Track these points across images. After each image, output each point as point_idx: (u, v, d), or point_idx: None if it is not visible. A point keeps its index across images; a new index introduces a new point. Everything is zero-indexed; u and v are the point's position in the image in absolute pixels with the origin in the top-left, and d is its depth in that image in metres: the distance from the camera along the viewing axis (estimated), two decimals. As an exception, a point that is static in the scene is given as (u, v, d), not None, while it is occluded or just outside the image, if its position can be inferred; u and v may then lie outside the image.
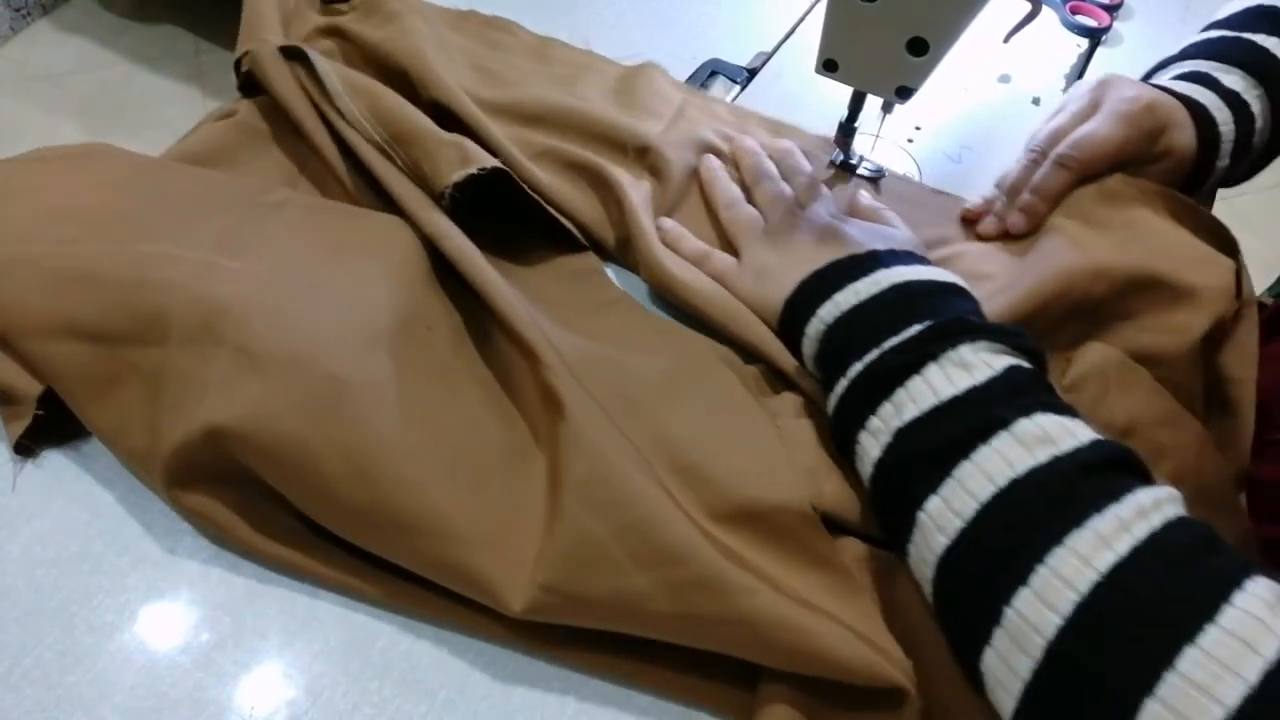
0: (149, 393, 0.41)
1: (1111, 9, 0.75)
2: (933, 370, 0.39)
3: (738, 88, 0.68)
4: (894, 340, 0.41)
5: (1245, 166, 0.59)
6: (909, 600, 0.40)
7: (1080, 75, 0.71)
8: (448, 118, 0.55)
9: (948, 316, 0.41)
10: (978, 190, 0.61)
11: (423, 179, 0.50)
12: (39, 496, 0.43)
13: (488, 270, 0.47)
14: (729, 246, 0.54)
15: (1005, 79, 0.70)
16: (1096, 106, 0.55)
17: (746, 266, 0.51)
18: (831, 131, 0.61)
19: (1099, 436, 0.36)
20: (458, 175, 0.48)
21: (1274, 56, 0.57)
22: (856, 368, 0.42)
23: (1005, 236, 0.55)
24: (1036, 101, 0.69)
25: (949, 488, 0.36)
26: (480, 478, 0.41)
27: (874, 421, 0.40)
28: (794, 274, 0.47)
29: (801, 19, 0.75)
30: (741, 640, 0.37)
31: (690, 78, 0.68)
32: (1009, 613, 0.33)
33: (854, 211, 0.55)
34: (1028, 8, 0.60)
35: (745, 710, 0.38)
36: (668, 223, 0.54)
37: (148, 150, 0.54)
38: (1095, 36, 0.74)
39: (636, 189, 0.55)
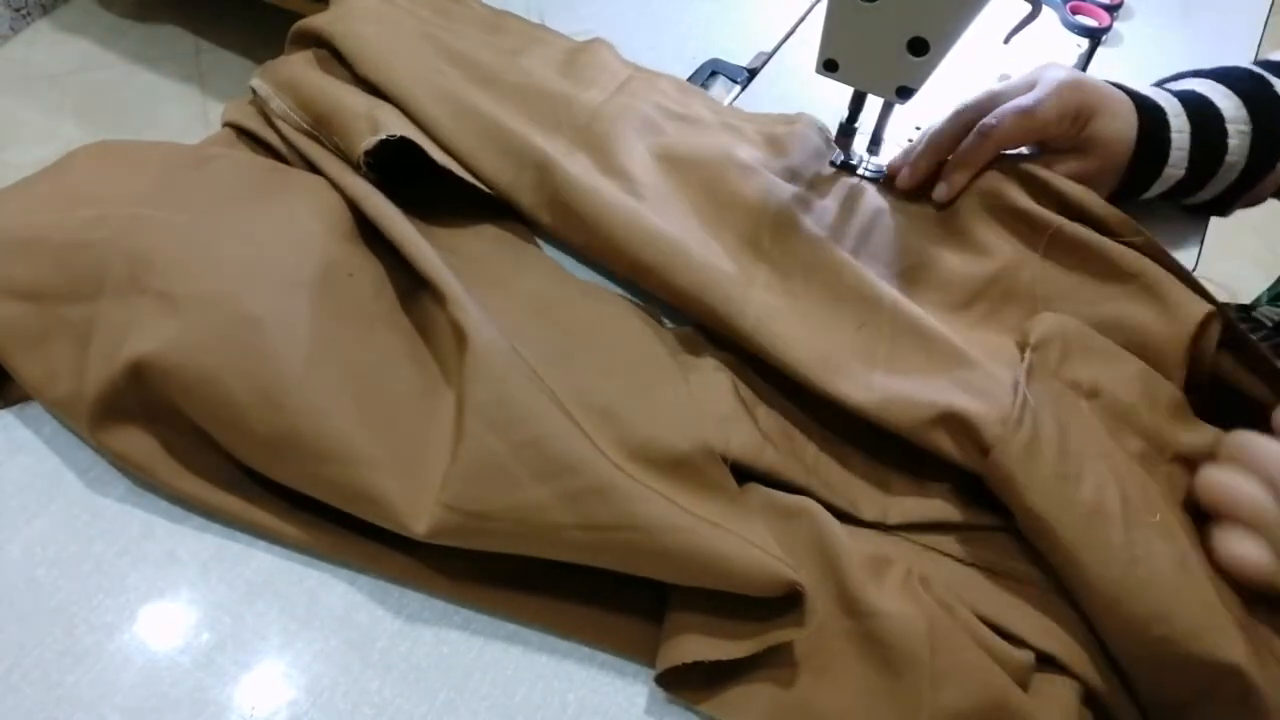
0: (78, 344, 0.43)
1: (1111, 9, 0.75)
2: None
3: (738, 88, 0.69)
4: None
5: (1224, 195, 0.58)
6: (809, 549, 0.41)
7: (1080, 75, 0.71)
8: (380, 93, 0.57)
9: None
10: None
11: (343, 153, 0.52)
12: (39, 496, 0.43)
13: (405, 225, 0.49)
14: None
15: (1005, 79, 0.70)
16: (1032, 86, 0.56)
17: None
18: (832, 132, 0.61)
19: None
20: (367, 144, 0.50)
21: None
22: None
23: (920, 190, 0.57)
24: (1036, 101, 0.68)
25: None
26: (389, 412, 0.42)
27: None
28: None
29: (801, 19, 0.75)
30: (637, 550, 0.38)
31: (690, 78, 0.68)
32: None
33: None
34: (1028, 8, 0.60)
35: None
36: None
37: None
38: (1095, 36, 0.74)
39: (569, 159, 0.55)
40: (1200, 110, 0.55)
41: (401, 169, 0.52)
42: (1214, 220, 0.62)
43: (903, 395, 0.45)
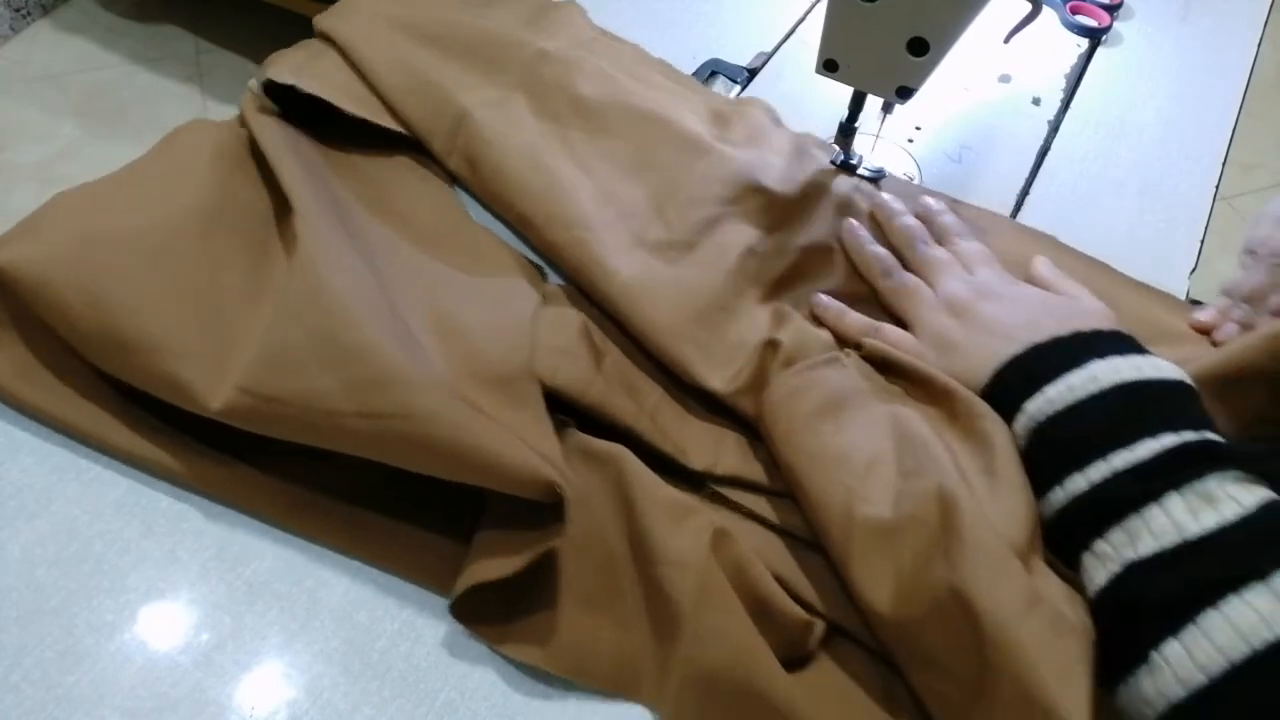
0: None
1: (1111, 9, 0.75)
2: (1174, 502, 0.36)
3: (738, 87, 0.69)
4: (1125, 458, 0.38)
5: None
6: (611, 489, 0.43)
7: (1080, 75, 0.71)
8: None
9: (1188, 435, 0.38)
10: (978, 190, 0.61)
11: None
12: (39, 496, 0.43)
13: (285, 153, 0.52)
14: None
15: (1005, 79, 0.70)
16: None
17: (925, 340, 0.49)
18: (831, 131, 0.61)
19: None
20: (252, 84, 0.54)
21: None
22: (1080, 483, 0.39)
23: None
24: (1037, 101, 0.69)
25: (1191, 636, 0.33)
26: (208, 309, 0.45)
27: (1101, 546, 0.37)
28: (984, 352, 0.45)
29: (801, 19, 0.75)
30: (408, 440, 0.39)
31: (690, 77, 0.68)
32: None
33: (1031, 280, 0.51)
34: (1028, 8, 0.60)
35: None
36: (825, 299, 0.52)
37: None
38: (1095, 36, 0.74)
39: (494, 108, 0.58)
40: None
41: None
42: (1214, 219, 0.62)
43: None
